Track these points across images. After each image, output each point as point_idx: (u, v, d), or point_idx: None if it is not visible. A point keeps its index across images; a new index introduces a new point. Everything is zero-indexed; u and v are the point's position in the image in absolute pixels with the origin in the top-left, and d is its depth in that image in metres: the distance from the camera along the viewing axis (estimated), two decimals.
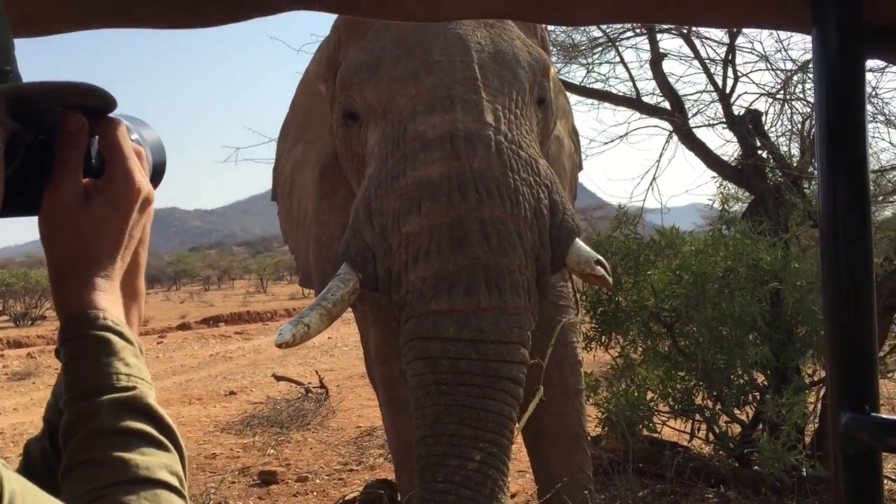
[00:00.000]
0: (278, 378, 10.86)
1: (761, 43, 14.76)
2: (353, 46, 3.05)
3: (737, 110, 6.62)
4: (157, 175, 0.99)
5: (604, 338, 5.30)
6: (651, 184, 7.16)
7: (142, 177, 0.90)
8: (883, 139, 10.28)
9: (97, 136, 0.87)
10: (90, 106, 0.83)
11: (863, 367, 0.85)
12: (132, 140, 0.91)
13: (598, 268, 2.65)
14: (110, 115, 0.86)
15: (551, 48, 6.72)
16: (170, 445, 0.82)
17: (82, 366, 0.81)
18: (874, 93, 6.37)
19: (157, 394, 0.86)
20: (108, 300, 0.85)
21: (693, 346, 5.17)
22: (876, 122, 6.44)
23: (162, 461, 0.79)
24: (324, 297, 2.61)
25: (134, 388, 0.81)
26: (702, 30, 6.45)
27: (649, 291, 5.01)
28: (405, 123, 2.69)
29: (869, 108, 6.31)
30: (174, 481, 0.79)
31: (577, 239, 2.72)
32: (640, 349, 5.48)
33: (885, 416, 0.85)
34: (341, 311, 2.66)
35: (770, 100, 6.83)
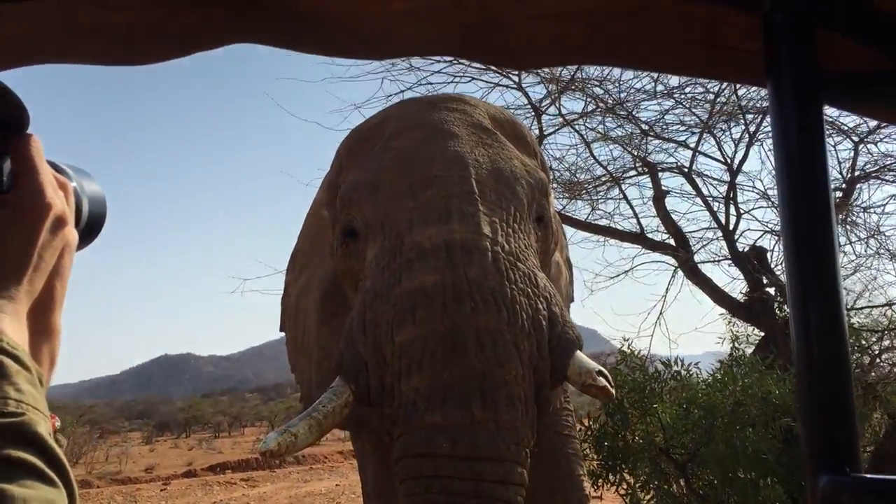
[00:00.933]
0: None
1: (762, 181, 15.09)
2: (353, 169, 3.10)
3: (741, 246, 6.67)
4: (92, 228, 0.96)
5: (611, 475, 5.09)
6: (658, 318, 7.11)
7: (54, 194, 0.85)
8: (889, 273, 10.30)
9: (9, 155, 0.84)
10: (3, 120, 0.81)
11: (842, 424, 0.78)
12: (71, 183, 0.89)
13: (601, 378, 2.51)
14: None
15: (554, 185, 6.87)
16: (57, 480, 0.74)
17: None
18: (878, 229, 6.43)
19: None
20: (6, 322, 0.79)
21: (707, 488, 4.96)
22: (880, 257, 6.45)
23: (45, 496, 0.71)
24: (314, 409, 2.51)
25: (22, 414, 0.74)
26: (702, 168, 6.63)
27: (657, 426, 4.86)
28: (402, 236, 2.68)
29: (873, 243, 6.36)
30: None
31: (578, 351, 2.62)
32: (651, 490, 5.26)
33: (868, 475, 0.78)
34: (332, 425, 2.55)
35: (775, 237, 6.89)
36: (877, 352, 6.52)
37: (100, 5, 0.93)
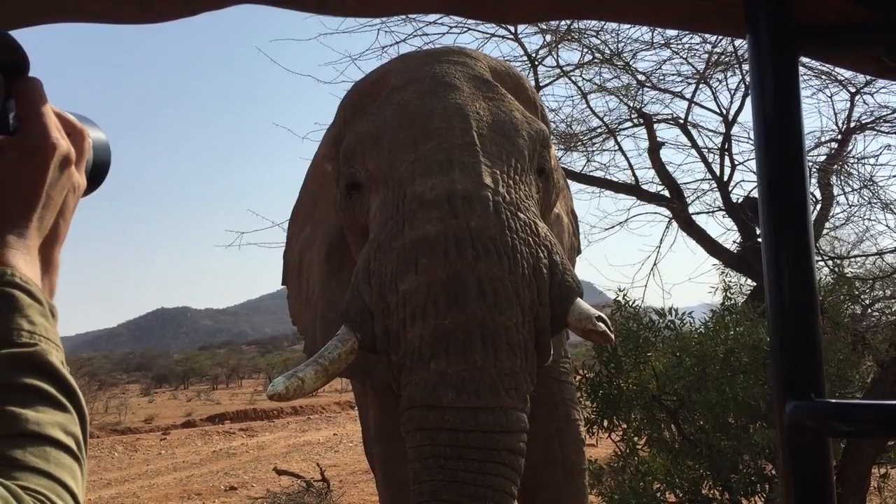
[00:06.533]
0: (280, 472, 10.67)
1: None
2: (356, 123, 3.13)
3: (735, 197, 6.73)
4: (97, 175, 0.99)
5: (605, 421, 5.22)
6: (652, 269, 7.20)
7: (59, 135, 0.87)
8: (881, 223, 10.47)
9: (13, 98, 0.85)
10: (4, 65, 0.83)
11: (807, 352, 0.84)
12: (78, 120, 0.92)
13: (600, 324, 2.59)
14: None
15: (551, 136, 6.88)
16: (69, 406, 0.79)
17: None
18: (871, 179, 6.48)
19: (154, 490, 0.79)
20: (19, 257, 0.82)
21: (698, 433, 5.09)
22: (873, 207, 6.52)
23: (56, 420, 0.76)
24: (321, 355, 2.58)
25: (35, 345, 0.78)
26: (697, 120, 6.65)
27: (650, 374, 4.97)
28: (405, 187, 2.73)
29: (866, 192, 6.43)
30: (68, 441, 0.76)
31: (578, 298, 2.69)
32: (644, 436, 5.39)
33: (830, 400, 0.85)
34: (337, 371, 2.63)
35: None
36: (868, 301, 6.63)
37: None
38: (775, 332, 0.85)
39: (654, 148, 6.85)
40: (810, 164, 6.67)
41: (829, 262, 6.78)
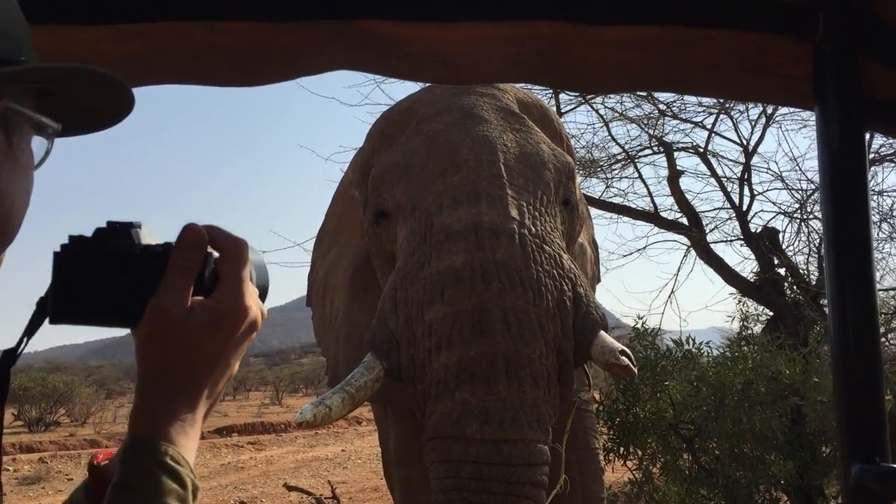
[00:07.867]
0: (290, 488, 10.67)
1: (776, 163, 15.10)
2: (385, 152, 3.19)
3: (754, 227, 6.75)
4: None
5: (622, 449, 5.23)
6: (669, 297, 7.21)
7: (252, 301, 0.86)
8: None
9: (215, 254, 0.84)
10: (108, 102, 0.82)
11: (873, 418, 0.87)
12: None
13: (623, 358, 2.63)
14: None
15: None
16: None
17: (124, 495, 0.78)
18: (891, 213, 6.49)
19: None
20: (181, 431, 0.82)
21: (713, 462, 5.09)
22: (893, 241, 6.53)
23: None
24: (347, 383, 2.63)
25: None
26: (717, 149, 6.65)
27: (667, 403, 4.98)
28: (432, 217, 2.78)
29: (885, 227, 6.43)
30: None
31: (602, 331, 2.73)
32: (659, 464, 5.40)
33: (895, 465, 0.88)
34: (363, 398, 2.68)
35: (787, 218, 6.96)
36: (883, 331, 6.61)
37: (205, 29, 1.02)
38: (841, 397, 0.89)
39: (674, 176, 6.87)
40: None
41: None
